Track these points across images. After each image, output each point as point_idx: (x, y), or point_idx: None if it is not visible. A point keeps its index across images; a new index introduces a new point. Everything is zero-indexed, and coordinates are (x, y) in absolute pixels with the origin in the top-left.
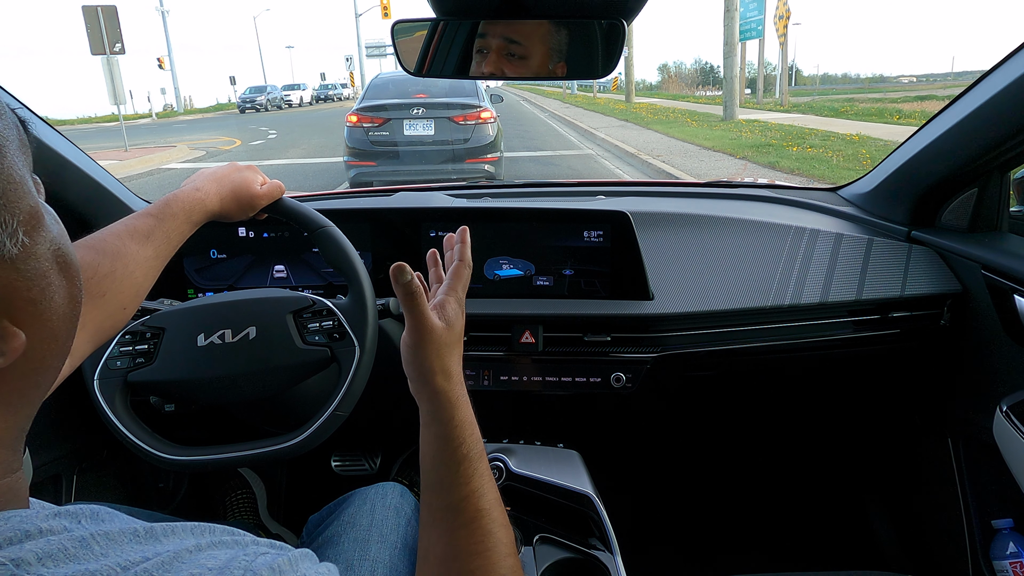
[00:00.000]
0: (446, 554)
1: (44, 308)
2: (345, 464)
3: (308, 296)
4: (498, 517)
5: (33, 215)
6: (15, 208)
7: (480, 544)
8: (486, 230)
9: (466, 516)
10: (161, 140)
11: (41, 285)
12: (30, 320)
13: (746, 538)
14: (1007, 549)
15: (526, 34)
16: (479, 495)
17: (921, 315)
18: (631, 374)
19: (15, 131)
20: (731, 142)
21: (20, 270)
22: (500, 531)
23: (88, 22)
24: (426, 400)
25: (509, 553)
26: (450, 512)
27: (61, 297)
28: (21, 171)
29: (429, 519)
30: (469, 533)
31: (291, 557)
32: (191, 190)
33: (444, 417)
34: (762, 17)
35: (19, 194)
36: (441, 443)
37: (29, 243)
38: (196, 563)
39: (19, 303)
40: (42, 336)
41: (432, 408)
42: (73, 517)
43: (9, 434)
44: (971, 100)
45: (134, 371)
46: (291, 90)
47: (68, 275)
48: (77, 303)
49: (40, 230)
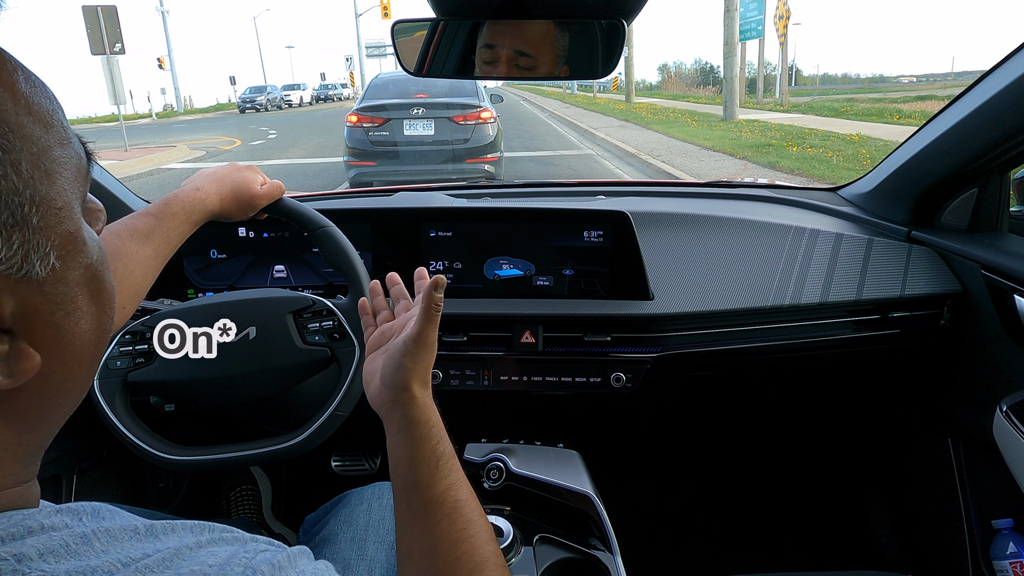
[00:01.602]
0: (431, 546)
1: (67, 333)
2: (345, 464)
3: (308, 296)
4: (475, 507)
5: (70, 240)
6: (51, 232)
7: (463, 532)
8: (486, 230)
9: (447, 508)
10: (161, 140)
11: (67, 310)
12: (50, 343)
13: (746, 538)
14: (1007, 549)
15: (535, 44)
16: (456, 487)
17: (921, 315)
18: (631, 374)
19: (75, 160)
20: (731, 142)
21: (47, 293)
22: (479, 519)
23: (88, 22)
24: (401, 406)
25: (489, 539)
26: (430, 506)
27: (87, 323)
28: (68, 197)
29: (409, 518)
30: (451, 523)
31: (290, 554)
32: (191, 190)
33: (422, 419)
34: (762, 17)
35: (59, 219)
36: (419, 444)
37: (60, 267)
38: (196, 560)
39: (41, 326)
40: (63, 359)
41: (410, 413)
42: (74, 514)
43: (24, 449)
44: (971, 100)
45: (134, 371)
46: (291, 90)
47: (99, 302)
48: (105, 330)
49: (76, 255)
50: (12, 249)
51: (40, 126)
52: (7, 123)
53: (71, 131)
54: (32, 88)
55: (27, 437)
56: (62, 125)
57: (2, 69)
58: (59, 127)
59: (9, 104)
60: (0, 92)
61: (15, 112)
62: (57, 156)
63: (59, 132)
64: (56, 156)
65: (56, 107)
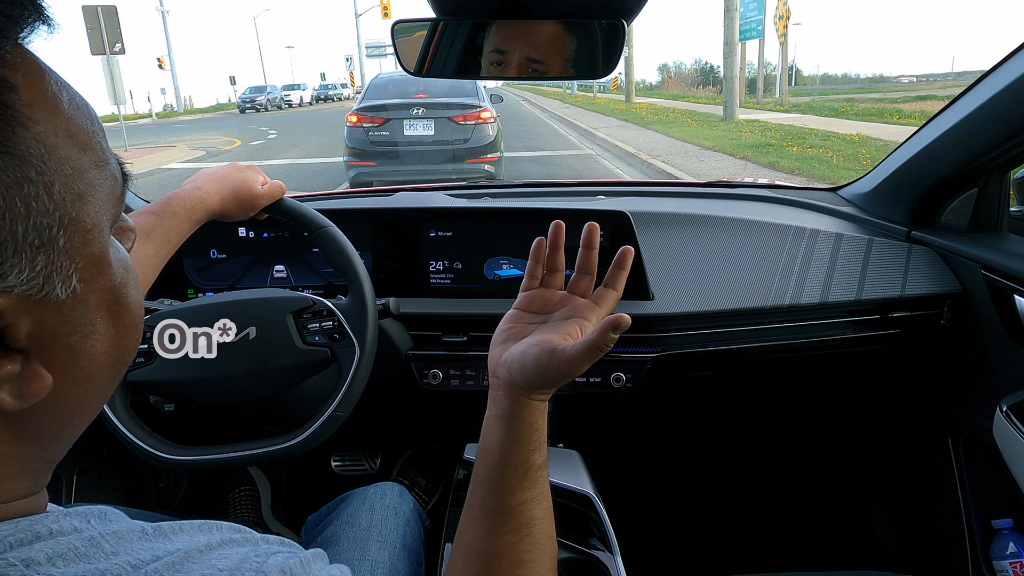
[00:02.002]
0: (489, 553)
1: (82, 356)
2: (345, 464)
3: (308, 296)
4: (547, 528)
5: (95, 263)
6: (76, 254)
7: (527, 554)
8: (486, 230)
9: (519, 521)
10: (161, 140)
11: (84, 332)
12: (65, 365)
13: (746, 538)
14: (1007, 549)
15: (545, 50)
16: (536, 503)
17: (921, 315)
18: (631, 374)
19: (110, 181)
20: (731, 142)
21: (65, 315)
22: (547, 543)
23: (88, 22)
24: (512, 394)
25: (551, 567)
26: (503, 514)
27: (104, 346)
28: (98, 219)
29: (479, 514)
30: (519, 539)
31: (303, 558)
32: (192, 189)
33: (527, 419)
34: (762, 17)
35: (86, 241)
36: (513, 444)
37: (81, 289)
38: (207, 563)
39: (56, 348)
40: (77, 381)
41: (517, 407)
42: (82, 517)
43: (35, 465)
44: (971, 100)
45: (134, 371)
46: (291, 90)
47: (119, 325)
48: (126, 352)
49: (99, 278)
50: (35, 271)
51: (78, 147)
52: (45, 144)
53: (109, 152)
54: (75, 110)
55: (38, 453)
56: (100, 147)
57: (47, 88)
58: (97, 148)
59: (50, 125)
60: (42, 112)
61: (54, 133)
62: (92, 178)
63: (96, 153)
64: (91, 179)
65: (97, 128)
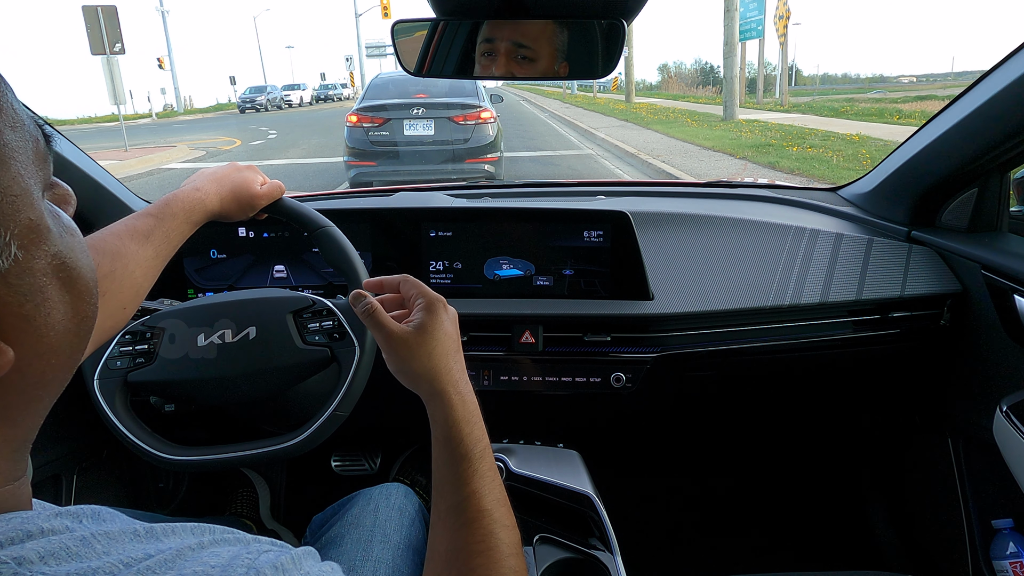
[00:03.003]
0: (451, 550)
1: (40, 324)
2: (345, 464)
3: (308, 296)
4: (500, 518)
5: (32, 228)
6: (10, 221)
7: (481, 544)
8: (486, 230)
9: (467, 516)
10: (161, 140)
11: (36, 301)
12: (23, 336)
13: (746, 538)
14: (1007, 549)
15: (533, 36)
16: (480, 495)
17: (921, 315)
18: (631, 374)
19: (31, 143)
20: (731, 142)
21: (12, 285)
22: (502, 532)
23: (88, 22)
24: (425, 402)
25: (512, 553)
26: (453, 512)
27: (61, 313)
28: (26, 183)
29: (436, 517)
30: (470, 532)
31: (294, 555)
32: (191, 190)
33: (439, 417)
34: (762, 17)
35: (17, 207)
36: (441, 443)
37: (23, 257)
38: (199, 560)
39: (10, 319)
40: (39, 351)
41: (430, 409)
42: (75, 517)
43: (9, 446)
44: (971, 100)
45: (134, 371)
46: (291, 90)
47: (74, 291)
48: (85, 318)
49: (40, 244)
50: None
51: None
52: None
53: (23, 112)
54: None
55: (9, 432)
56: (12, 107)
57: None
58: (8, 110)
59: None
60: None
61: None
62: (8, 141)
63: (8, 115)
64: (7, 141)
65: (4, 88)
